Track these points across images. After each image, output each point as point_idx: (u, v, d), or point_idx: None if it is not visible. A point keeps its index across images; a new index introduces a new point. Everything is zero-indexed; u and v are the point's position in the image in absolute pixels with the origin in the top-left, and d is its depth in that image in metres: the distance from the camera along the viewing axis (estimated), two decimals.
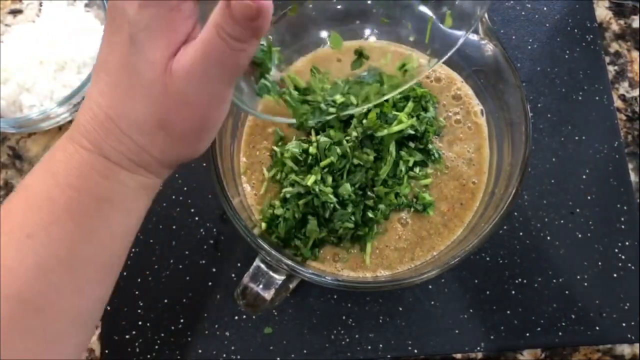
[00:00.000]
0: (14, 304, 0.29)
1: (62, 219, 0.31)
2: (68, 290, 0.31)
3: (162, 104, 0.30)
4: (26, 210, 0.31)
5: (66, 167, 0.32)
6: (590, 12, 0.64)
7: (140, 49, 0.30)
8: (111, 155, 0.32)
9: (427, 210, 0.49)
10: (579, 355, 0.53)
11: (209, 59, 0.29)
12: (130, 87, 0.30)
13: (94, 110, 0.32)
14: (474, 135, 0.52)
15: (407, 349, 0.52)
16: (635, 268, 0.54)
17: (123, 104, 0.31)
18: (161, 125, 0.31)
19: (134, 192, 0.34)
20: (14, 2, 0.61)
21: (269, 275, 0.44)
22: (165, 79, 0.30)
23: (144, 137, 0.32)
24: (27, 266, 0.30)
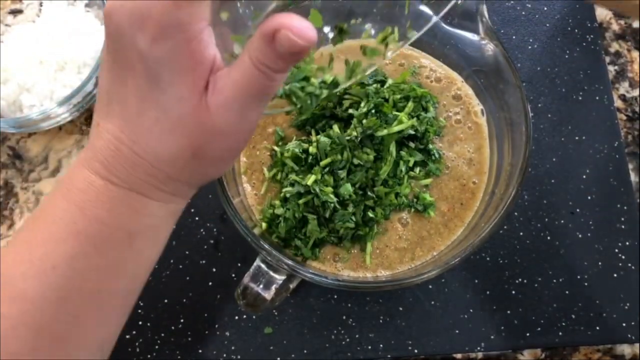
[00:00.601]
0: (36, 335, 0.29)
1: (89, 253, 0.30)
2: (92, 322, 0.31)
3: (196, 138, 0.29)
4: (50, 241, 0.30)
5: (94, 200, 0.30)
6: (590, 12, 0.64)
7: (164, 86, 0.28)
8: (141, 188, 0.31)
9: (428, 210, 0.49)
10: (579, 355, 0.53)
11: (249, 92, 0.28)
12: (156, 122, 0.29)
13: (114, 144, 0.30)
14: (474, 135, 0.52)
15: (407, 349, 0.52)
16: (635, 268, 0.54)
17: (149, 139, 0.30)
18: (195, 157, 0.31)
19: (164, 221, 0.34)
20: (14, 2, 0.61)
21: (269, 275, 0.44)
22: (200, 114, 0.28)
23: (176, 168, 0.31)
24: (50, 298, 0.29)
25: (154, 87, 0.28)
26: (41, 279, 0.29)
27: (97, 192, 0.30)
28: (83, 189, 0.31)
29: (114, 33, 0.28)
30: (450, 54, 0.53)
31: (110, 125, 0.30)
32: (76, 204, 0.30)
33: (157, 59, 0.27)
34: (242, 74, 0.28)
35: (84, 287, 0.30)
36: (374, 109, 0.49)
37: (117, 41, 0.28)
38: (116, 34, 0.28)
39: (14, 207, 0.57)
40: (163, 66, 0.27)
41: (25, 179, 0.58)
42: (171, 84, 0.28)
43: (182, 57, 0.27)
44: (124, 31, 0.27)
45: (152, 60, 0.27)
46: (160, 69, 0.28)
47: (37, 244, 0.30)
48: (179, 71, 0.28)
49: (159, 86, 0.28)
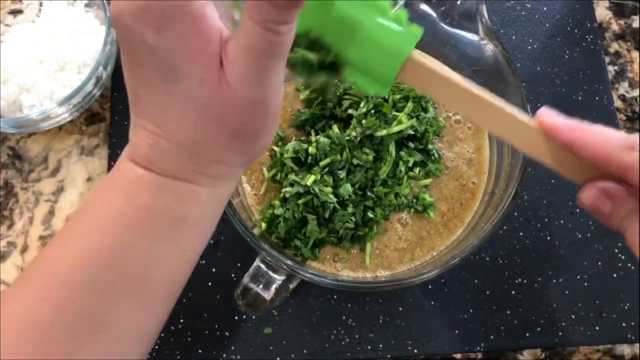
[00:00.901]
0: (78, 321, 0.29)
1: (134, 241, 0.30)
2: (132, 309, 0.30)
3: (227, 119, 0.29)
4: (94, 230, 0.30)
5: (139, 189, 0.30)
6: (590, 12, 0.64)
7: (181, 75, 0.28)
8: (185, 175, 0.31)
9: (427, 211, 0.49)
10: (579, 355, 0.53)
11: (263, 56, 0.27)
12: (185, 113, 0.29)
13: (152, 139, 0.30)
14: (474, 135, 0.52)
15: (407, 349, 0.52)
16: (635, 268, 0.54)
17: (183, 131, 0.30)
18: (233, 136, 0.30)
19: (211, 209, 0.33)
20: (14, 2, 0.61)
21: (269, 275, 0.44)
22: (223, 92, 0.28)
23: (218, 152, 0.31)
24: (93, 286, 0.29)
25: (172, 78, 0.28)
26: (86, 267, 0.29)
27: (142, 181, 0.30)
28: (128, 179, 0.31)
29: (123, 34, 0.28)
30: (450, 54, 0.53)
31: (145, 121, 0.30)
32: (121, 193, 0.30)
33: (167, 50, 0.27)
34: (248, 37, 0.27)
35: (128, 275, 0.30)
36: (374, 109, 0.49)
37: (128, 41, 0.28)
38: (125, 34, 0.28)
39: (14, 207, 0.57)
40: (174, 55, 0.27)
41: (25, 179, 0.58)
42: (187, 70, 0.28)
43: (190, 40, 0.27)
44: (131, 30, 0.27)
45: (163, 52, 0.27)
46: (173, 58, 0.28)
47: (83, 234, 0.30)
48: (190, 55, 0.27)
49: (177, 77, 0.28)
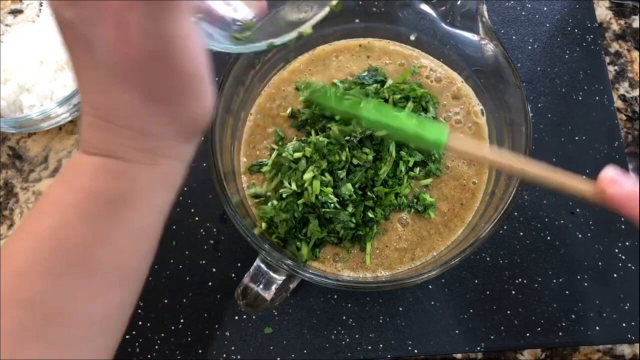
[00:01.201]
0: (25, 310, 0.29)
1: (72, 223, 0.30)
2: (81, 295, 0.30)
3: (132, 75, 0.29)
4: (38, 215, 0.31)
5: (76, 173, 0.31)
6: (590, 12, 0.64)
7: (96, 40, 0.28)
8: (117, 152, 0.31)
9: (428, 211, 0.49)
10: (579, 355, 0.53)
11: (155, 5, 0.27)
12: (96, 79, 0.30)
13: (87, 120, 0.31)
14: (474, 135, 0.52)
15: (407, 349, 0.52)
16: (635, 268, 0.54)
17: (101, 99, 0.30)
18: (147, 99, 0.30)
19: (149, 187, 0.32)
20: (14, 2, 0.61)
21: (269, 275, 0.44)
22: (122, 46, 0.28)
23: (139, 119, 0.31)
24: (38, 271, 0.29)
25: (91, 48, 0.29)
26: (28, 253, 0.30)
27: (80, 164, 0.31)
28: (69, 166, 0.32)
29: (58, 22, 0.29)
30: (450, 54, 0.53)
31: (85, 104, 0.31)
32: (62, 180, 0.32)
33: (82, 21, 0.28)
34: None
35: (71, 258, 0.30)
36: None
37: (61, 27, 0.29)
38: (58, 22, 0.29)
39: (14, 207, 0.57)
40: (87, 23, 0.28)
41: (25, 179, 0.58)
42: (100, 34, 0.28)
43: (98, 6, 0.28)
44: (59, 15, 0.29)
45: (81, 25, 0.28)
46: (87, 26, 0.28)
47: (28, 220, 0.31)
48: (100, 18, 0.28)
49: (94, 44, 0.28)
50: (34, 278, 0.29)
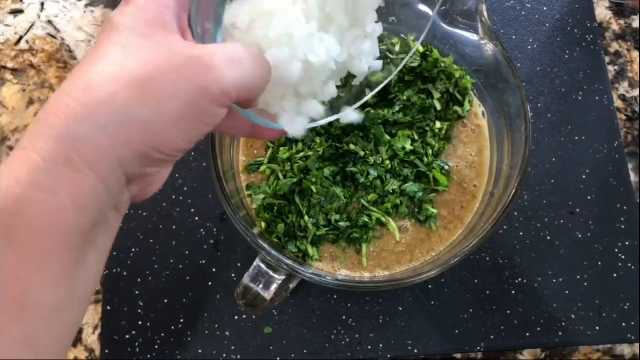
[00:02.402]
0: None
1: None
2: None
3: (152, 60, 0.27)
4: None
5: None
6: (590, 12, 0.64)
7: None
8: (28, 144, 0.25)
9: (429, 222, 0.49)
10: (579, 355, 0.53)
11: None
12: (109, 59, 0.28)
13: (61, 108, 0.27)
14: (477, 137, 0.52)
15: (407, 349, 0.52)
16: (635, 268, 0.54)
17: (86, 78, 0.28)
18: (142, 86, 0.26)
19: (51, 200, 0.24)
20: (14, 2, 0.61)
21: (269, 275, 0.44)
22: (168, 36, 0.28)
23: (109, 105, 0.25)
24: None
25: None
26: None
27: (12, 158, 0.27)
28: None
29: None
30: (450, 53, 0.53)
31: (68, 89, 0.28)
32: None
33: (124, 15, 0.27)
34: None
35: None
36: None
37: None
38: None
39: None
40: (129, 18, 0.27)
41: None
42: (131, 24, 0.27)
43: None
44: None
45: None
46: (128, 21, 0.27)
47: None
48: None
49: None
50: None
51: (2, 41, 0.62)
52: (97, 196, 0.25)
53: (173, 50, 0.27)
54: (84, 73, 0.26)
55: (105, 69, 0.26)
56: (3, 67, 0.62)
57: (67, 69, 0.62)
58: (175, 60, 0.26)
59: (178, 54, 0.27)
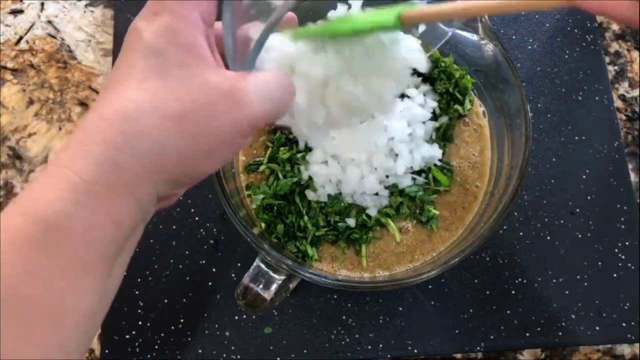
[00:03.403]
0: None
1: (5, 252, 0.25)
2: (7, 335, 0.25)
3: (191, 95, 0.29)
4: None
5: (33, 188, 0.27)
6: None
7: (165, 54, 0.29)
8: (66, 163, 0.26)
9: (430, 223, 0.49)
10: (579, 355, 0.53)
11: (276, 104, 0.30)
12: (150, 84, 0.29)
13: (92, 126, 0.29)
14: (479, 137, 0.52)
15: (407, 349, 0.52)
16: (635, 268, 0.54)
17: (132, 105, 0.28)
18: (179, 118, 0.28)
19: (91, 216, 0.26)
20: (14, 2, 0.61)
21: (269, 275, 0.44)
22: (207, 70, 0.29)
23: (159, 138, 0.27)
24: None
25: (155, 57, 0.28)
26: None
27: (40, 179, 0.28)
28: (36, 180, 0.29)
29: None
30: (450, 54, 0.53)
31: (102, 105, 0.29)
32: (19, 199, 0.28)
33: (156, 34, 0.28)
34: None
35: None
36: None
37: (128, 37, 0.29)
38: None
39: None
40: (161, 39, 0.28)
41: (25, 179, 0.58)
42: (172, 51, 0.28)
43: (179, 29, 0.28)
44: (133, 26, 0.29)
45: (152, 37, 0.28)
46: (161, 42, 0.28)
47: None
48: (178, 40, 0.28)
49: (161, 55, 0.28)
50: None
51: (2, 41, 0.62)
52: (132, 215, 0.27)
53: (208, 84, 0.28)
54: (122, 98, 0.27)
55: (143, 97, 0.27)
56: (3, 67, 0.62)
57: (67, 69, 0.62)
58: (211, 96, 0.27)
59: (213, 88, 0.28)
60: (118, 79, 0.28)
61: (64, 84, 0.61)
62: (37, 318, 0.26)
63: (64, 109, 0.60)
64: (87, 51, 0.63)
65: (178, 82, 0.27)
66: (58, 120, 0.60)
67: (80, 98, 0.61)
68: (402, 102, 0.50)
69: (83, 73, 0.62)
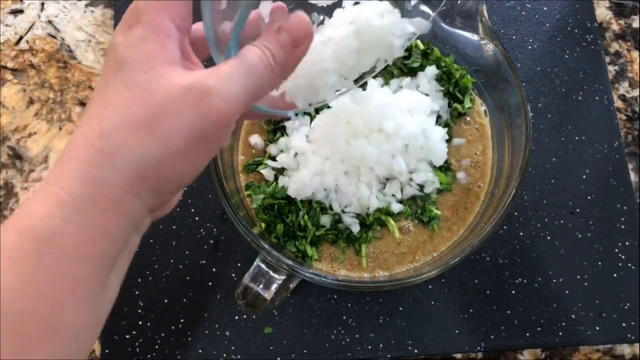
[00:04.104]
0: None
1: (1, 269, 0.26)
2: (6, 349, 0.26)
3: (154, 98, 0.29)
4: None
5: (24, 209, 0.28)
6: (590, 12, 0.64)
7: (133, 65, 0.29)
8: (55, 182, 0.27)
9: (432, 223, 0.49)
10: (579, 355, 0.53)
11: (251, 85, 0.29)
12: (122, 97, 0.30)
13: (80, 144, 0.29)
14: (481, 136, 0.52)
15: (407, 349, 0.52)
16: (635, 268, 0.54)
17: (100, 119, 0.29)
18: (146, 125, 0.28)
19: (81, 232, 0.27)
20: (14, 2, 0.61)
21: (269, 275, 0.44)
22: (171, 72, 0.29)
23: (114, 141, 0.28)
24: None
25: (123, 69, 0.29)
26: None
27: (34, 197, 0.29)
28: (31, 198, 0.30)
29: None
30: (450, 53, 0.53)
31: (83, 127, 0.30)
32: (14, 216, 0.29)
33: (125, 47, 0.28)
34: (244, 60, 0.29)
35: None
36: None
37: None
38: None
39: (14, 207, 0.57)
40: (132, 52, 0.28)
41: (25, 179, 0.58)
42: (140, 61, 0.28)
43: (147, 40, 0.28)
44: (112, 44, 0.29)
45: (122, 50, 0.29)
46: (130, 55, 0.28)
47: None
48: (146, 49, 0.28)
49: (128, 68, 0.28)
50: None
51: (2, 41, 0.62)
52: (121, 228, 0.28)
53: (173, 83, 0.28)
54: (98, 117, 0.28)
55: (115, 112, 0.28)
56: (3, 67, 0.62)
57: (67, 69, 0.62)
58: (175, 94, 0.28)
59: (177, 86, 0.28)
60: (96, 97, 0.29)
61: (64, 83, 0.61)
62: (35, 333, 0.26)
63: (64, 108, 0.60)
64: (87, 51, 0.63)
65: (145, 90, 0.28)
66: (58, 120, 0.60)
67: (80, 98, 0.61)
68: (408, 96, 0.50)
69: (83, 73, 0.62)
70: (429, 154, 0.48)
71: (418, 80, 0.52)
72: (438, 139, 0.48)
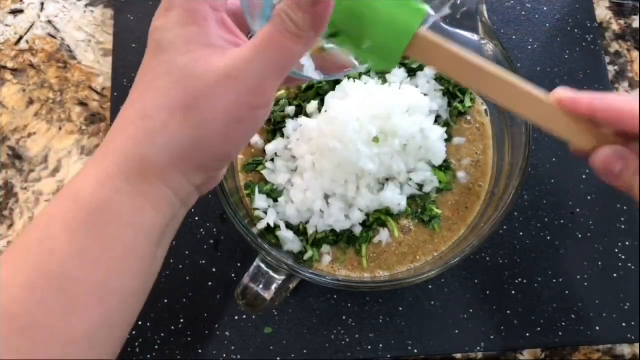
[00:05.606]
0: (2, 320, 0.27)
1: (56, 234, 0.28)
2: (57, 310, 0.28)
3: (192, 82, 0.29)
4: (32, 225, 0.30)
5: (77, 178, 0.30)
6: (590, 12, 0.63)
7: (170, 46, 0.30)
8: (103, 157, 0.29)
9: (432, 223, 0.49)
10: (579, 355, 0.53)
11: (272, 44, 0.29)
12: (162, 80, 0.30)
13: (126, 120, 0.31)
14: (482, 136, 0.52)
15: (407, 349, 0.52)
16: (635, 268, 0.54)
17: (143, 99, 0.30)
18: (186, 108, 0.29)
19: (132, 201, 0.29)
20: (14, 2, 0.61)
21: (269, 275, 0.44)
22: (209, 55, 0.29)
23: (158, 124, 0.29)
24: (19, 282, 0.28)
25: (162, 51, 0.29)
26: (17, 262, 0.28)
27: (85, 168, 0.31)
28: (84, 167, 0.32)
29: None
30: None
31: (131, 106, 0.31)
32: (66, 188, 0.31)
33: (164, 30, 0.29)
34: (267, 33, 0.29)
35: (49, 272, 0.28)
36: None
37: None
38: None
39: (14, 207, 0.57)
40: (168, 31, 0.29)
41: (25, 179, 0.58)
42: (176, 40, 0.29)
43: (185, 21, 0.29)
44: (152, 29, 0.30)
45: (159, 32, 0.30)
46: (166, 34, 0.29)
47: (25, 232, 0.30)
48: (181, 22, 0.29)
49: (167, 49, 0.29)
50: (14, 289, 0.28)
51: (2, 41, 0.62)
52: (170, 201, 0.30)
53: (210, 68, 0.29)
54: (142, 100, 0.29)
55: (156, 95, 0.29)
56: (3, 67, 0.62)
57: (67, 69, 0.62)
58: (211, 79, 0.29)
59: (213, 71, 0.29)
60: (140, 79, 0.30)
61: (64, 84, 0.61)
62: (84, 296, 0.28)
63: (64, 109, 0.60)
64: (87, 51, 0.63)
65: (184, 74, 0.29)
66: (58, 120, 0.60)
67: (80, 98, 0.61)
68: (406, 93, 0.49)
69: (83, 73, 0.62)
70: (427, 154, 0.48)
71: (417, 80, 0.52)
72: (437, 139, 0.48)
